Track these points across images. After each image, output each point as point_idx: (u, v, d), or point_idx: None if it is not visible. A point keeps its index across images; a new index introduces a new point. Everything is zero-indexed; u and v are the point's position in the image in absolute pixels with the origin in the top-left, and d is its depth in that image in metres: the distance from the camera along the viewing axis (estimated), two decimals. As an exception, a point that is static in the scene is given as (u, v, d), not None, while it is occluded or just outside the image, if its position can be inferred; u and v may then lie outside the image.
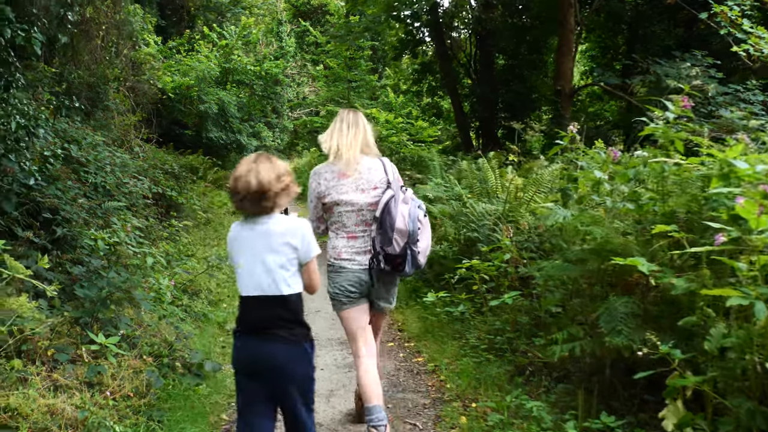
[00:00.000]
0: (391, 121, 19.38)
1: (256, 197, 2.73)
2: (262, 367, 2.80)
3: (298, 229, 2.84)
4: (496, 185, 7.51)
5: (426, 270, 7.66)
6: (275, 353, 2.78)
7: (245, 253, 2.84)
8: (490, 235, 6.64)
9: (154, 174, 10.86)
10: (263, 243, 2.80)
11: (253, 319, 2.85)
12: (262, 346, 2.79)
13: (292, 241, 2.81)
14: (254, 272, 2.81)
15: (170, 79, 19.86)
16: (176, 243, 9.01)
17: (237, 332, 2.90)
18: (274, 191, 2.75)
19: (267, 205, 2.77)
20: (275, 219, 2.83)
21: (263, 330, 2.80)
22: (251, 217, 2.82)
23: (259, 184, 2.71)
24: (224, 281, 8.22)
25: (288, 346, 2.80)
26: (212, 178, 17.27)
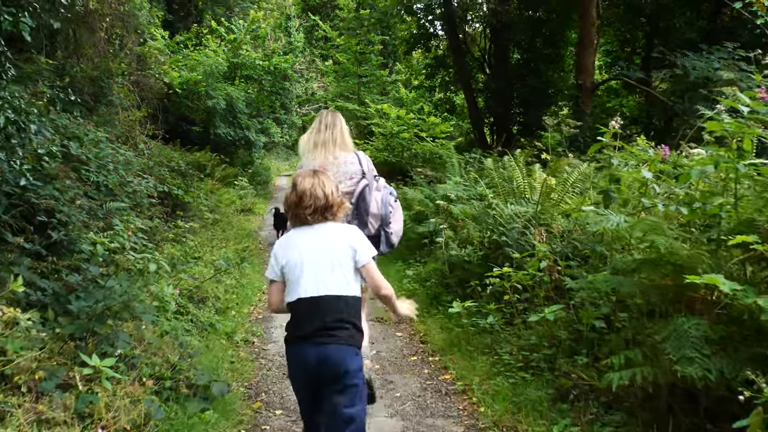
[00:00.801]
0: (403, 116, 18.84)
1: (322, 208, 2.94)
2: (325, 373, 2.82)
3: (354, 233, 3.02)
4: (523, 185, 6.97)
5: (447, 275, 7.15)
6: (336, 355, 2.80)
7: (308, 254, 2.91)
8: (519, 239, 6.10)
9: (159, 172, 10.36)
10: (327, 245, 2.92)
11: (312, 320, 2.83)
12: (323, 349, 2.81)
13: (351, 242, 2.95)
14: (317, 271, 2.87)
15: (177, 74, 19.40)
16: (182, 245, 8.50)
17: (294, 338, 2.90)
18: (338, 203, 2.99)
19: (329, 215, 2.98)
20: (331, 226, 2.99)
21: (323, 330, 2.82)
22: (308, 225, 2.98)
23: (326, 196, 2.94)
24: (232, 287, 7.71)
25: (347, 349, 2.84)
26: (220, 175, 16.76)
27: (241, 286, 8.00)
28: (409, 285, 7.81)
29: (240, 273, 8.60)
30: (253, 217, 16.44)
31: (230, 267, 7.05)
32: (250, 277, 8.73)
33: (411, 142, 19.02)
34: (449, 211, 7.91)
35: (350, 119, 23.12)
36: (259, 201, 19.49)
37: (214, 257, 8.87)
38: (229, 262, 7.85)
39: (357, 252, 2.93)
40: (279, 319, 7.01)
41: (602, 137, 5.42)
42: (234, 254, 9.55)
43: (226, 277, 7.87)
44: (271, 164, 29.35)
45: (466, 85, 17.08)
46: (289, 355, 2.94)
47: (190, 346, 5.24)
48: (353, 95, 23.48)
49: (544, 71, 16.54)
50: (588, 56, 12.29)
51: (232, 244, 10.36)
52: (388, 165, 19.53)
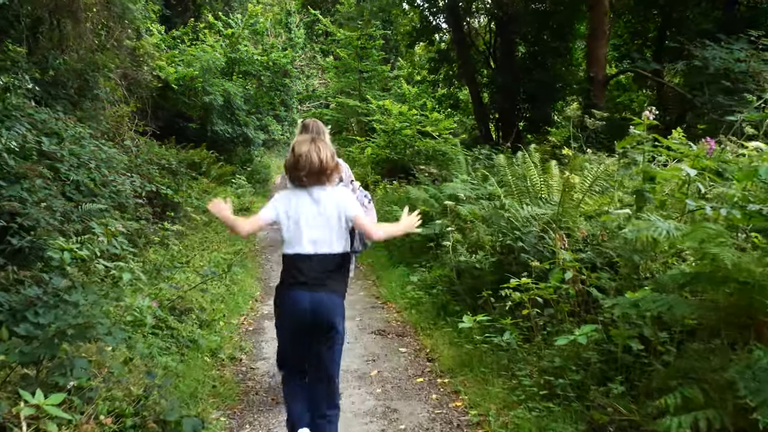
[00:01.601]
0: (405, 113, 18.18)
1: (317, 172, 3.20)
2: (317, 319, 3.22)
3: (343, 194, 3.32)
4: (539, 183, 6.28)
5: (455, 282, 6.47)
6: (323, 301, 3.20)
7: (306, 213, 3.22)
8: (536, 244, 5.42)
9: (147, 170, 9.71)
10: (324, 206, 3.23)
11: (306, 272, 3.19)
12: (317, 296, 3.19)
13: (341, 203, 3.25)
14: (315, 229, 3.21)
15: (173, 69, 18.74)
16: (169, 249, 7.84)
17: (288, 285, 3.24)
18: (331, 167, 3.25)
19: (323, 178, 3.24)
20: (325, 189, 3.27)
21: (317, 281, 3.19)
22: (304, 187, 3.26)
23: (320, 161, 3.19)
24: (221, 295, 7.03)
25: (335, 299, 3.26)
26: (216, 173, 16.09)
27: (231, 294, 7.32)
28: (414, 292, 7.13)
29: (230, 279, 7.93)
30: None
31: (217, 275, 6.35)
32: (242, 284, 8.06)
33: (413, 139, 18.34)
34: (457, 212, 7.23)
35: (351, 116, 22.44)
36: (257, 200, 18.79)
37: (203, 262, 8.21)
38: (216, 269, 7.17)
39: (346, 209, 3.24)
40: (270, 332, 6.34)
41: (634, 129, 4.76)
42: (225, 258, 8.88)
43: (215, 284, 7.20)
44: (271, 162, 28.63)
45: (470, 79, 16.39)
46: (284, 298, 3.27)
47: (166, 368, 4.58)
48: (354, 91, 22.79)
49: (551, 65, 15.82)
50: (600, 48, 11.59)
51: (224, 246, 9.69)
52: (390, 162, 18.86)
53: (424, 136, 18.87)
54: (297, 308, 3.21)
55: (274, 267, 9.97)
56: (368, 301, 7.57)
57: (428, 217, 8.41)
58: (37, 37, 9.83)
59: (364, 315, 6.92)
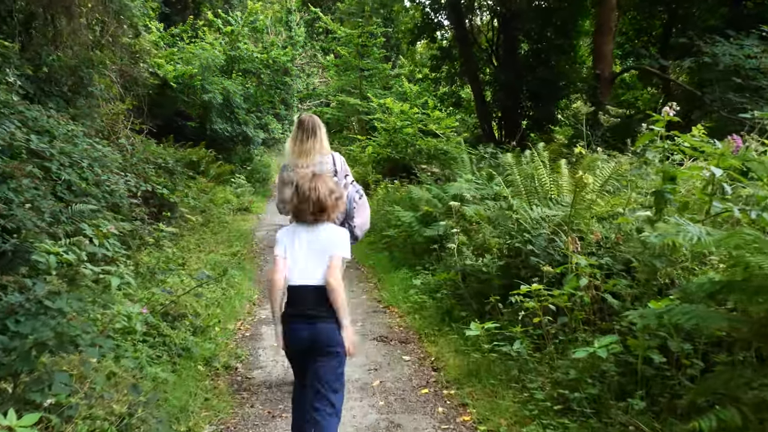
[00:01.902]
0: (406, 111, 17.90)
1: (317, 210, 3.28)
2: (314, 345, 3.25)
3: (338, 235, 3.37)
4: (549, 183, 5.99)
5: (461, 286, 6.18)
6: (320, 330, 3.23)
7: (301, 249, 3.28)
8: (547, 247, 5.15)
9: (143, 169, 9.44)
10: (317, 243, 3.28)
11: (302, 304, 3.24)
12: (313, 326, 3.23)
13: (333, 241, 3.31)
14: (308, 264, 3.25)
15: (172, 67, 18.46)
16: (163, 251, 7.56)
17: (289, 318, 3.28)
18: (330, 206, 3.31)
19: (324, 216, 3.32)
20: (324, 227, 3.35)
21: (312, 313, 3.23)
22: (306, 223, 3.34)
23: (320, 200, 3.27)
24: (216, 300, 6.74)
25: (329, 325, 3.25)
26: (215, 172, 15.81)
27: (227, 298, 7.04)
28: (417, 297, 6.86)
29: (227, 282, 7.66)
30: (250, 217, 15.49)
31: (212, 279, 6.07)
32: (240, 287, 7.79)
33: (415, 137, 18.07)
34: (461, 213, 6.95)
35: (352, 114, 22.16)
36: (257, 199, 18.54)
37: (199, 265, 7.93)
38: (212, 273, 6.90)
39: (334, 247, 3.30)
40: (267, 338, 6.07)
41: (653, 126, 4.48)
42: (222, 260, 8.61)
43: (211, 288, 6.92)
44: (271, 161, 28.33)
45: (472, 77, 16.10)
46: (288, 333, 3.31)
47: (155, 379, 4.30)
48: (355, 89, 22.51)
49: (555, 62, 15.52)
50: (606, 44, 11.30)
51: (222, 248, 9.41)
52: (391, 161, 18.57)
53: (425, 135, 18.61)
54: (294, 337, 3.30)
55: (273, 269, 9.70)
56: (370, 305, 7.29)
57: (431, 218, 8.14)
58: (31, 33, 9.57)
59: (365, 320, 6.64)
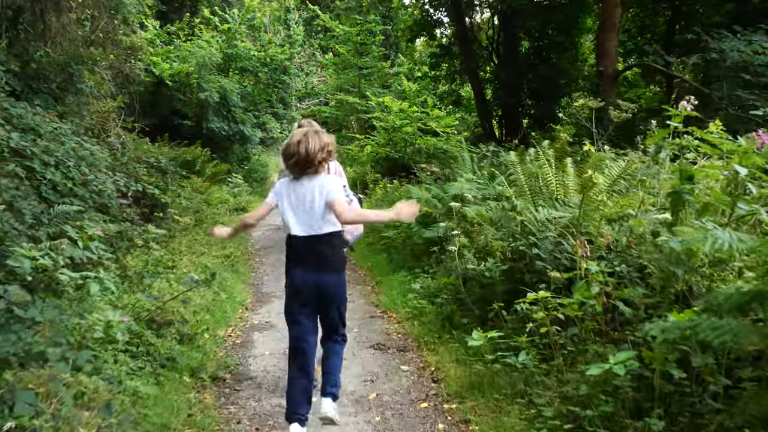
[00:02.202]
0: (406, 110, 17.60)
1: (303, 163, 3.54)
2: (317, 293, 3.60)
3: (329, 180, 3.60)
4: (554, 183, 5.68)
5: (462, 291, 5.87)
6: (326, 281, 3.59)
7: (295, 201, 3.57)
8: (553, 251, 4.83)
9: (134, 168, 9.14)
10: (310, 193, 3.54)
11: (305, 255, 3.56)
12: (315, 276, 3.56)
13: (324, 188, 3.55)
14: (304, 215, 3.55)
15: (168, 65, 18.14)
16: (151, 253, 7.25)
17: (292, 265, 3.62)
18: (319, 158, 3.56)
19: (310, 170, 3.57)
20: (317, 177, 3.59)
21: (315, 263, 3.55)
22: (298, 178, 3.61)
23: (308, 153, 3.52)
24: (205, 305, 6.42)
25: (333, 275, 3.62)
26: (211, 172, 15.48)
27: (218, 302, 6.73)
28: (416, 301, 6.54)
29: (219, 285, 7.35)
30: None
31: (199, 284, 5.75)
32: (231, 290, 7.48)
33: (414, 136, 17.76)
34: (463, 214, 6.64)
35: (350, 113, 21.84)
36: (254, 199, 18.20)
37: (190, 267, 7.62)
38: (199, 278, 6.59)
39: (328, 194, 3.49)
40: (259, 345, 5.77)
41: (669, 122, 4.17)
42: (214, 262, 8.30)
43: (201, 292, 6.60)
44: (269, 161, 28.02)
45: (473, 75, 15.79)
46: (290, 277, 3.61)
47: (135, 393, 3.99)
48: (354, 88, 22.20)
49: (556, 60, 15.20)
50: (610, 40, 10.98)
51: (215, 249, 9.09)
52: (390, 161, 18.27)
53: (424, 134, 18.29)
54: (296, 285, 3.60)
55: (268, 271, 9.40)
56: (367, 310, 6.98)
57: (431, 219, 7.83)
58: (18, 28, 9.25)
59: (362, 326, 6.32)
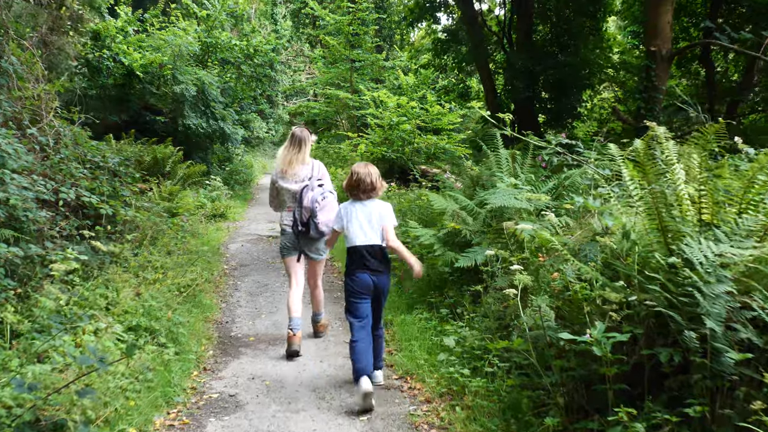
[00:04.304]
0: (404, 105, 15.39)
1: (369, 190, 4.42)
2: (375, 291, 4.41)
3: (387, 208, 4.48)
4: (694, 196, 3.42)
5: (535, 364, 3.62)
6: (381, 281, 4.41)
7: (359, 220, 4.40)
8: (735, 317, 2.62)
9: (68, 169, 6.88)
10: (372, 214, 4.41)
11: (367, 260, 4.36)
12: (375, 277, 4.38)
13: (383, 213, 4.43)
14: (366, 230, 4.38)
15: (140, 55, 15.82)
16: (71, 288, 4.98)
17: (356, 268, 4.39)
18: (378, 186, 4.48)
19: (373, 194, 4.46)
20: (375, 201, 4.48)
21: (374, 266, 4.38)
22: (360, 200, 4.45)
23: (372, 183, 4.42)
24: (133, 379, 4.12)
25: (386, 276, 4.46)
26: (183, 174, 13.15)
27: (161, 364, 4.45)
28: (454, 369, 4.27)
29: (168, 333, 5.08)
30: (225, 225, 12.85)
31: (104, 367, 3.47)
32: (186, 338, 5.21)
33: (413, 134, 15.55)
34: (516, 236, 4.41)
35: (341, 110, 19.63)
36: (235, 204, 15.89)
37: (132, 305, 5.33)
38: (107, 354, 4.34)
39: (383, 218, 4.41)
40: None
41: None
42: (168, 296, 6.01)
43: (137, 347, 4.31)
44: (254, 162, 25.66)
45: (482, 63, 13.57)
46: (353, 280, 4.39)
47: None
48: (345, 83, 19.96)
49: (577, 47, 12.97)
50: (663, 15, 8.77)
51: (174, 274, 6.79)
52: (386, 162, 16.03)
53: (424, 132, 16.10)
54: (360, 284, 4.37)
55: (242, 301, 7.14)
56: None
57: (462, 239, 5.59)
58: None
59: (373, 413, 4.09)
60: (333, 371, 4.84)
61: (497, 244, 4.96)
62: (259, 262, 9.55)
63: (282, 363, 5.06)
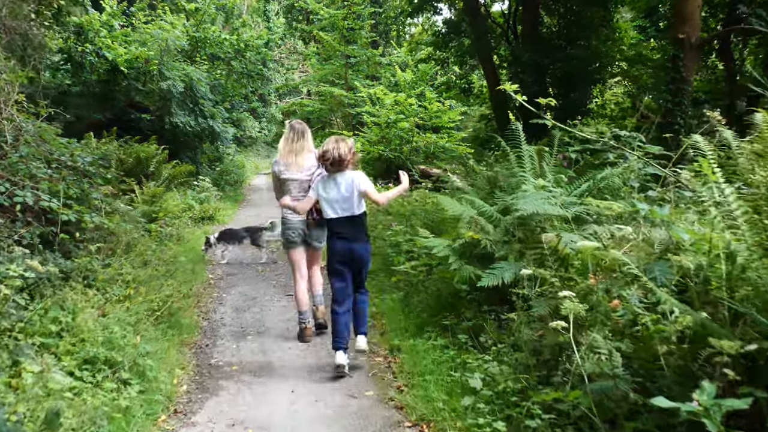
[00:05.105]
0: (402, 102, 14.51)
1: (337, 163, 4.56)
2: (351, 256, 4.64)
3: (359, 175, 4.66)
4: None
5: (593, 417, 2.74)
6: (357, 248, 4.64)
7: (333, 192, 4.62)
8: None
9: (27, 170, 5.99)
10: (344, 185, 4.60)
11: (342, 230, 4.62)
12: (350, 244, 4.62)
13: (355, 181, 4.61)
14: (340, 202, 4.61)
15: (124, 50, 14.92)
16: (25, 308, 4.07)
17: (333, 238, 4.68)
18: (349, 158, 4.60)
19: (343, 166, 4.60)
20: (347, 173, 4.64)
21: (350, 236, 4.63)
22: (333, 174, 4.64)
23: (339, 156, 4.55)
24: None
25: (362, 243, 4.69)
26: (168, 174, 12.21)
27: (119, 411, 3.54)
28: (482, 420, 3.38)
29: (132, 366, 4.18)
30: (213, 228, 11.90)
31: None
32: (154, 372, 4.30)
33: (411, 132, 14.69)
34: (558, 251, 3.53)
35: (335, 107, 18.74)
36: (225, 206, 14.95)
37: (92, 330, 4.43)
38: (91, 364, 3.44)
39: (357, 185, 4.60)
40: None
41: None
42: (137, 316, 5.10)
43: (89, 390, 3.42)
44: (246, 162, 24.71)
45: (485, 57, 12.69)
46: (332, 245, 4.67)
47: None
48: (339, 80, 19.08)
49: (586, 39, 12.08)
50: (692, 0, 7.93)
51: (147, 289, 5.86)
52: (384, 161, 15.16)
53: (423, 130, 15.25)
54: (338, 251, 4.64)
55: (227, 318, 6.25)
56: (385, 418, 3.84)
57: (481, 251, 4.70)
58: None
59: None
60: (332, 413, 3.93)
61: (527, 257, 4.08)
62: (248, 271, 8.65)
63: (269, 402, 4.16)
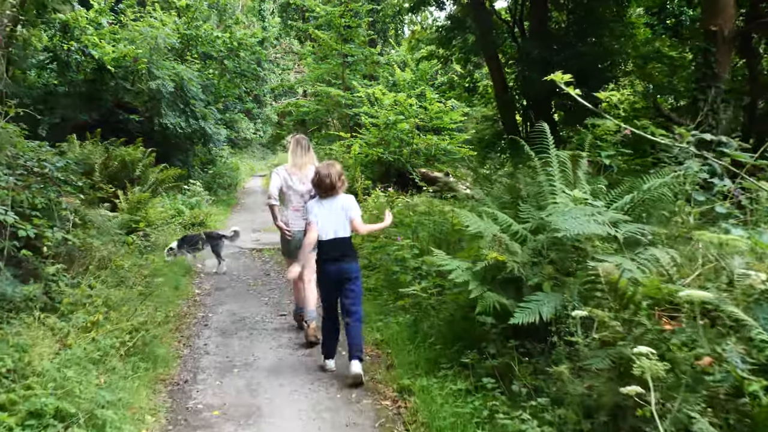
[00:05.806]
0: (402, 102, 13.73)
1: (330, 187, 4.71)
2: (340, 276, 4.70)
3: (349, 201, 4.79)
4: None
5: None
6: (346, 267, 4.72)
7: (325, 215, 4.71)
8: None
9: (-17, 178, 5.21)
10: (335, 209, 4.72)
11: (331, 251, 4.70)
12: (339, 264, 4.70)
13: (345, 205, 4.75)
14: (331, 224, 4.69)
15: (112, 48, 14.11)
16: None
17: (323, 260, 4.75)
18: (339, 185, 4.76)
19: (334, 192, 4.74)
20: (338, 197, 4.77)
21: (338, 256, 4.71)
22: (325, 198, 4.76)
23: (332, 181, 4.71)
24: None
25: (350, 263, 4.75)
26: (156, 178, 11.41)
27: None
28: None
29: (89, 419, 3.41)
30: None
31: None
32: (120, 420, 3.52)
33: (411, 134, 13.91)
34: (619, 290, 2.77)
35: (332, 108, 17.96)
36: (217, 211, 14.18)
37: (51, 366, 3.66)
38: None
39: (349, 210, 4.74)
40: None
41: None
42: (104, 347, 4.32)
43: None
44: (241, 164, 23.90)
45: (491, 54, 11.92)
46: (322, 269, 4.77)
47: None
48: (336, 79, 18.30)
49: (598, 35, 11.33)
50: (725, -12, 7.20)
51: (117, 315, 5.08)
52: (383, 164, 14.36)
53: (423, 131, 14.48)
54: (329, 272, 4.72)
55: (212, 346, 5.47)
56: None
57: (507, 275, 3.93)
58: None
59: None
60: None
61: (569, 287, 3.32)
62: (238, 284, 7.88)
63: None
